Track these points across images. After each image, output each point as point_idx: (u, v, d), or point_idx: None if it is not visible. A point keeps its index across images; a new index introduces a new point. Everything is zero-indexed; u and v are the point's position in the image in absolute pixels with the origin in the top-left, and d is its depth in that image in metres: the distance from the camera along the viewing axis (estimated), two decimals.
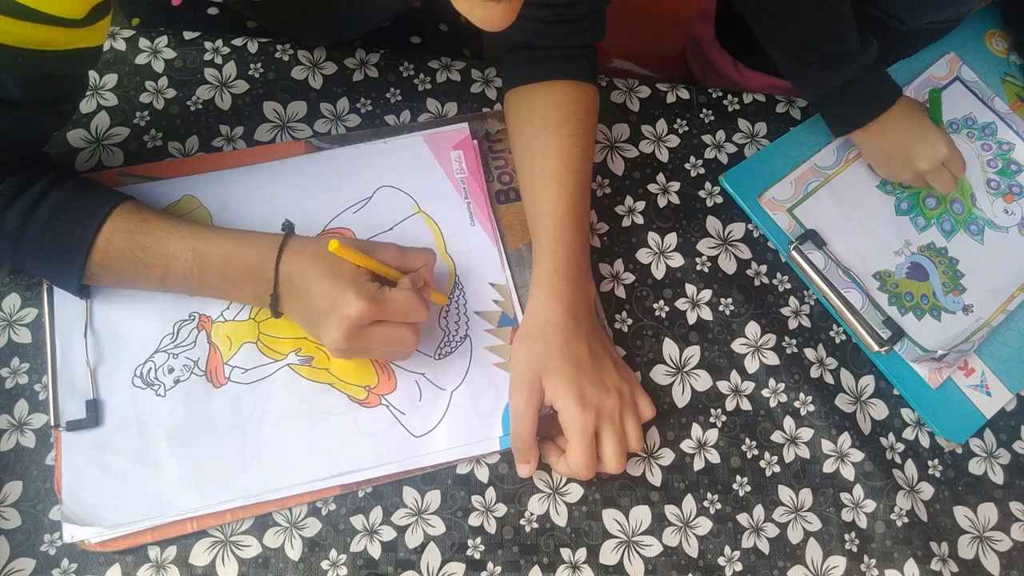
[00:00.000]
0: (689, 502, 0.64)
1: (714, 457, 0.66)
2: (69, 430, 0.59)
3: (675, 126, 0.79)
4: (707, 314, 0.71)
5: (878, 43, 0.76)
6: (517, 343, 0.63)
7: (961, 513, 0.67)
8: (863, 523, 0.65)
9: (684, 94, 0.80)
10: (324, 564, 0.59)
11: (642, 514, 0.64)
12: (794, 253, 0.74)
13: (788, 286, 0.73)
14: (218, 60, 0.73)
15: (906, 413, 0.70)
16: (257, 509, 0.59)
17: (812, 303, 0.73)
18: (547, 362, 0.60)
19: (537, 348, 0.61)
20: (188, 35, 0.74)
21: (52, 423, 0.59)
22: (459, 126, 0.73)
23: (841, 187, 0.78)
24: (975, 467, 0.69)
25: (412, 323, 0.58)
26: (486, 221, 0.70)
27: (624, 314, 0.70)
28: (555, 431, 0.62)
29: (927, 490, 0.68)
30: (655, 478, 0.65)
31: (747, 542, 0.64)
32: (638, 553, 0.62)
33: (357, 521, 0.60)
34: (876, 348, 0.71)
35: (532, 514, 0.62)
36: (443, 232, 0.69)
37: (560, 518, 0.63)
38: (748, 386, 0.69)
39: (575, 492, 0.63)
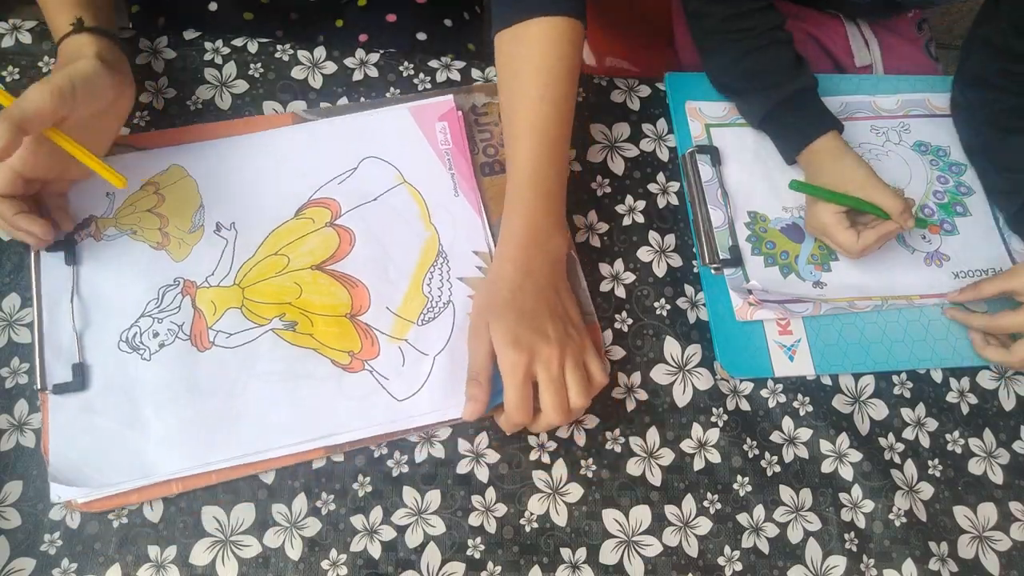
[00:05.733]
0: (689, 502, 0.64)
1: (714, 457, 0.66)
2: (56, 393, 0.60)
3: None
4: (707, 314, 0.71)
5: None
6: (477, 292, 0.67)
7: (961, 513, 0.67)
8: (861, 523, 0.65)
9: None
10: (324, 564, 0.59)
11: (642, 514, 0.64)
12: (687, 156, 0.76)
13: None
14: (218, 60, 0.73)
15: (906, 413, 0.70)
16: (242, 471, 0.60)
17: None
18: (491, 310, 0.62)
19: (486, 298, 0.63)
20: (188, 35, 0.74)
21: (39, 386, 0.60)
22: (444, 98, 0.74)
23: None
24: (975, 467, 0.69)
25: None
26: (470, 192, 0.71)
27: (624, 314, 0.70)
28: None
29: (927, 490, 0.68)
30: (655, 478, 0.65)
31: (747, 542, 0.64)
32: (638, 553, 0.63)
33: (357, 521, 0.60)
34: (708, 263, 0.72)
35: (532, 514, 0.62)
36: (427, 202, 0.70)
37: (560, 518, 0.63)
38: (747, 387, 0.69)
39: (575, 492, 0.63)
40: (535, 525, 0.62)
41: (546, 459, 0.64)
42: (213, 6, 0.83)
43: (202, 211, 0.67)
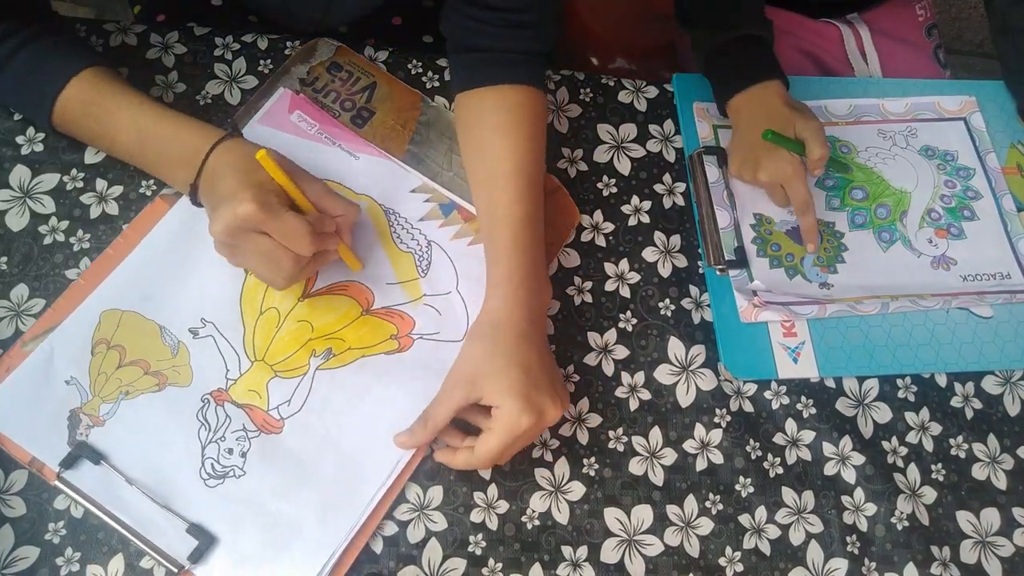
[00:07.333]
0: (691, 502, 0.64)
1: (717, 457, 0.66)
2: (195, 562, 0.57)
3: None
4: (711, 315, 0.71)
5: None
6: (467, 341, 0.63)
7: (964, 518, 0.67)
8: (864, 526, 0.65)
9: None
10: None
11: (644, 513, 0.64)
12: (695, 157, 0.76)
13: None
14: (228, 56, 0.74)
15: (910, 417, 0.70)
16: (392, 495, 0.61)
17: None
18: (492, 362, 0.59)
19: (484, 347, 0.60)
20: (199, 31, 0.74)
21: (175, 570, 0.57)
22: (278, 94, 0.72)
23: None
24: (978, 472, 0.69)
25: (293, 251, 0.57)
26: (365, 147, 0.72)
27: (628, 313, 0.70)
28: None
29: (930, 494, 0.67)
30: (657, 478, 0.65)
31: (748, 543, 0.64)
32: (639, 552, 0.63)
33: None
34: (713, 264, 0.72)
35: (534, 511, 0.63)
36: (342, 182, 0.70)
37: (562, 516, 0.63)
38: (750, 388, 0.69)
39: (577, 490, 0.64)
40: (537, 523, 0.62)
41: (548, 457, 0.64)
42: (217, 1, 0.83)
43: (165, 331, 0.63)
